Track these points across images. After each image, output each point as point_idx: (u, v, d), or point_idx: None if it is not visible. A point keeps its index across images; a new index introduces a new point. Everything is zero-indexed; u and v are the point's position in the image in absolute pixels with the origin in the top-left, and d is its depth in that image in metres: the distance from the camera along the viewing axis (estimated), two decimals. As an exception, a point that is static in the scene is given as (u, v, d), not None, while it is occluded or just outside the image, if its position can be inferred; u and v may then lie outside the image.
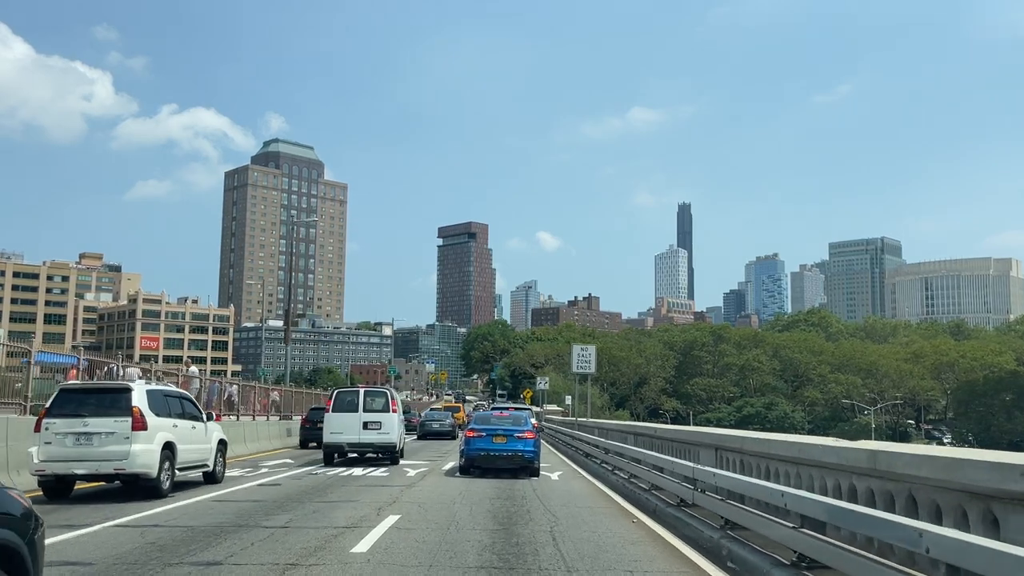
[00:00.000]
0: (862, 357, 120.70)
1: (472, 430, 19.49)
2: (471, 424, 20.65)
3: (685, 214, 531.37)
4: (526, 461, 18.67)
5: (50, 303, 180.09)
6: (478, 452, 18.67)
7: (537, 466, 19.06)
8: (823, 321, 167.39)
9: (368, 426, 21.61)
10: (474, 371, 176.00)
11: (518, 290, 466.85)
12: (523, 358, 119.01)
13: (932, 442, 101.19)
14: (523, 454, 18.64)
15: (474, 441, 18.97)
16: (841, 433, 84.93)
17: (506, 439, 18.74)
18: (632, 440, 19.13)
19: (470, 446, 18.96)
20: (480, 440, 18.88)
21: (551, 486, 16.85)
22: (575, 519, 11.79)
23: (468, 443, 19.11)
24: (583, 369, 31.79)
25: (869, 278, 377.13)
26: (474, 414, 25.09)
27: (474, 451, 18.76)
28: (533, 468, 18.87)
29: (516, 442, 18.73)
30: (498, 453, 18.57)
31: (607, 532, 10.63)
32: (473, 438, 19.06)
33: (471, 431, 19.51)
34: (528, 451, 18.76)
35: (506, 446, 18.67)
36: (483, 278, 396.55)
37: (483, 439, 18.85)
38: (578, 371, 32.77)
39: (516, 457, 18.58)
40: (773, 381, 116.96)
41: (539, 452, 19.55)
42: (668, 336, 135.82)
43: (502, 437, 18.77)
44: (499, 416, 20.66)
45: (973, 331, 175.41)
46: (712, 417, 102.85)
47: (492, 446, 18.67)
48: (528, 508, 12.92)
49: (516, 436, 18.82)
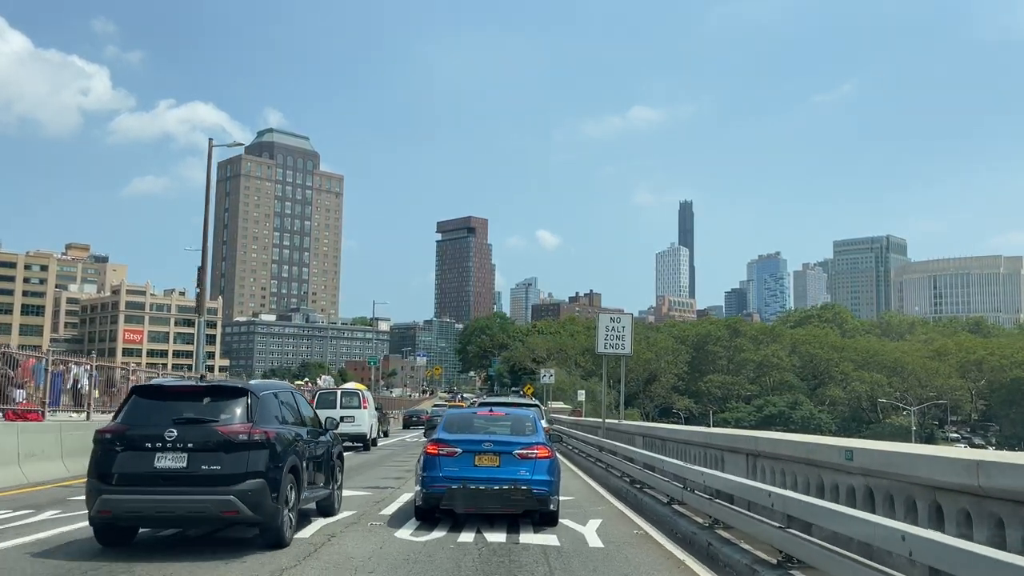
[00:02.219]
0: (887, 354, 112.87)
1: (438, 443, 10.85)
2: (437, 432, 11.51)
3: (686, 212, 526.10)
4: (534, 498, 10.37)
5: (28, 293, 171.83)
6: (448, 484, 10.35)
7: (554, 508, 10.69)
8: (837, 317, 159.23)
9: (343, 420, 23.22)
10: (472, 367, 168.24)
11: (518, 287, 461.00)
12: (523, 353, 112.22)
13: (962, 444, 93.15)
14: (529, 486, 10.35)
15: (441, 464, 10.55)
16: (874, 435, 77.18)
17: (499, 460, 10.56)
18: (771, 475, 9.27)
19: (433, 471, 10.57)
20: (452, 461, 10.56)
21: (590, 560, 8.61)
22: None
23: (429, 466, 10.66)
24: (614, 348, 20.59)
25: (874, 276, 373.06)
26: (444, 414, 14.21)
27: (441, 482, 10.41)
28: (547, 512, 10.64)
29: (517, 464, 10.52)
30: (485, 486, 10.31)
31: None
32: (440, 458, 10.62)
33: (435, 445, 10.88)
34: (538, 481, 10.46)
35: (499, 472, 10.46)
36: (482, 274, 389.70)
37: (458, 459, 10.58)
38: (607, 350, 20.97)
39: (516, 492, 10.30)
40: (792, 379, 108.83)
41: (558, 482, 10.99)
42: (679, 330, 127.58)
43: (491, 457, 10.58)
44: (488, 417, 12.17)
45: (992, 329, 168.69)
46: (730, 417, 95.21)
47: (474, 472, 10.45)
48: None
49: (517, 455, 10.59)
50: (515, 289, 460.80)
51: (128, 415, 8.44)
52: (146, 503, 8.05)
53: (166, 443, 7.97)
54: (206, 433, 8.14)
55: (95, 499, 8.14)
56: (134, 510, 8.14)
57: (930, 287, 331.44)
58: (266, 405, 8.93)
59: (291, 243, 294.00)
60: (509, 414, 12.56)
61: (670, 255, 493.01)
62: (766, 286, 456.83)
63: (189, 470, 7.97)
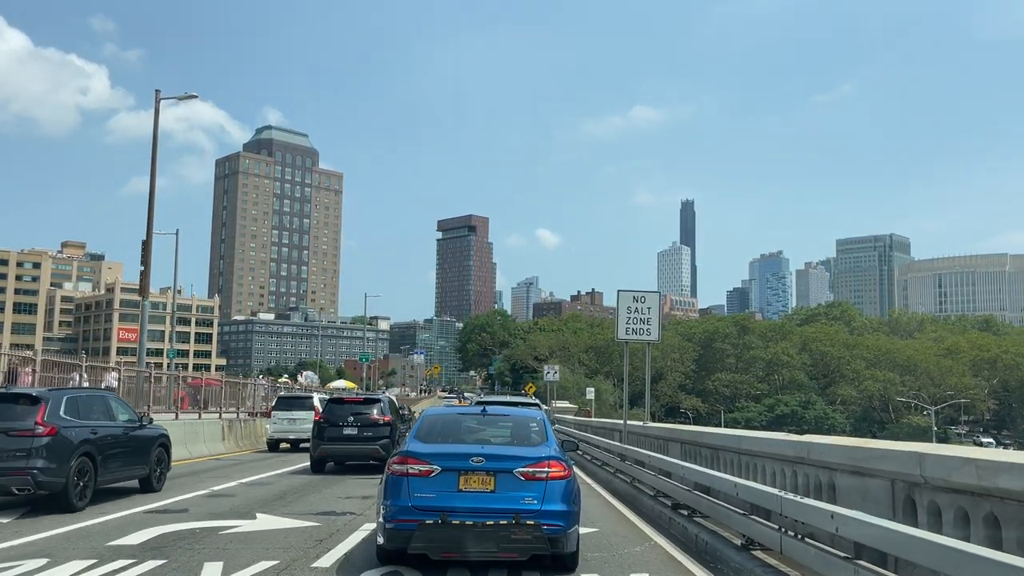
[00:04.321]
0: (899, 352, 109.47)
1: (405, 457, 7.49)
2: (407, 441, 8.04)
3: (688, 211, 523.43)
4: (545, 538, 7.09)
5: (20, 291, 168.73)
6: (421, 517, 7.09)
7: (572, 549, 7.53)
8: (844, 315, 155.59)
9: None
10: (472, 365, 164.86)
11: (519, 286, 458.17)
12: (525, 350, 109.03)
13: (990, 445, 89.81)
14: (537, 520, 7.06)
15: (411, 488, 7.25)
16: (892, 436, 74.07)
17: (493, 482, 7.26)
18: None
19: (399, 499, 7.26)
20: (426, 484, 7.25)
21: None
22: None
23: (393, 491, 7.35)
24: (639, 334, 16.29)
25: (877, 275, 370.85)
26: (422, 415, 8.94)
27: (410, 514, 7.14)
28: (563, 555, 7.47)
29: (520, 488, 7.23)
30: (473, 520, 7.01)
31: None
32: (408, 479, 7.29)
33: (402, 459, 7.50)
34: (551, 512, 7.16)
35: (494, 500, 7.17)
36: (483, 272, 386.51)
37: (434, 481, 7.27)
38: (630, 336, 16.45)
39: (519, 530, 7.00)
40: (802, 377, 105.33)
41: (578, 512, 7.65)
42: (685, 327, 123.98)
43: (483, 477, 7.27)
44: (480, 419, 8.65)
45: (1002, 326, 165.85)
46: (740, 417, 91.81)
47: (458, 501, 7.15)
48: None
49: (520, 474, 7.27)
50: (516, 288, 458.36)
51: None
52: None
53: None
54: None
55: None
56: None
57: (935, 285, 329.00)
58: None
59: (290, 241, 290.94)
60: (508, 415, 9.19)
61: (672, 254, 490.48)
62: (768, 285, 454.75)
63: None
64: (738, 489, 7.39)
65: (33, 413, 10.83)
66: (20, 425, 10.69)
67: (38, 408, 10.91)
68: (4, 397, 11.23)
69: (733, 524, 7.72)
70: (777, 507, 6.22)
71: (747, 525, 7.15)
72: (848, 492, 6.58)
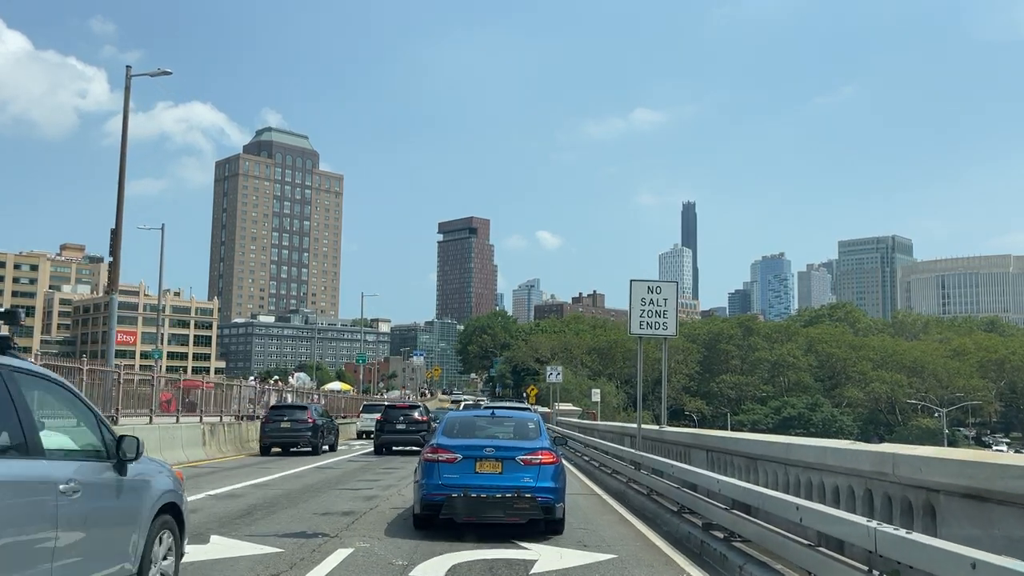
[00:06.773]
0: (905, 354, 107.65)
1: (436, 449, 10.25)
2: (436, 436, 10.80)
3: (689, 213, 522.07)
4: (539, 507, 9.80)
5: (17, 294, 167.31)
6: (448, 492, 9.78)
7: (560, 516, 10.14)
8: (849, 316, 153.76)
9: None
10: (473, 368, 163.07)
11: (520, 288, 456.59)
12: (526, 352, 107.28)
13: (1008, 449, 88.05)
14: (533, 494, 9.75)
15: (441, 471, 10.01)
16: (901, 439, 72.39)
17: (501, 466, 10.00)
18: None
19: (432, 478, 9.99)
20: (452, 468, 9.99)
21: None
22: None
23: (427, 473, 10.07)
24: (655, 328, 14.58)
25: (879, 276, 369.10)
26: (444, 416, 12.60)
27: (440, 489, 9.85)
28: (553, 520, 10.07)
29: (521, 471, 9.99)
30: (487, 494, 9.68)
31: None
32: (439, 464, 10.05)
33: (434, 450, 10.25)
34: (543, 488, 9.88)
35: (502, 479, 9.87)
36: (484, 274, 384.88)
37: (458, 466, 10.00)
38: (644, 331, 14.76)
39: (520, 500, 9.68)
40: (808, 379, 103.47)
41: (564, 488, 10.36)
42: (689, 328, 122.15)
43: (493, 463, 10.02)
44: (489, 420, 11.51)
45: (1007, 328, 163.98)
46: (746, 419, 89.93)
47: (475, 480, 9.86)
48: None
49: (520, 460, 10.04)
50: (517, 290, 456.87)
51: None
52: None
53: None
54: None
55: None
56: None
57: (938, 287, 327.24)
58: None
59: (290, 243, 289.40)
60: (512, 416, 11.79)
61: (673, 256, 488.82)
62: (770, 287, 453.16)
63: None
64: (801, 514, 5.77)
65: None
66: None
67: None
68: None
69: (792, 557, 6.09)
70: (869, 543, 4.61)
71: (818, 562, 5.52)
72: (957, 521, 4.96)
